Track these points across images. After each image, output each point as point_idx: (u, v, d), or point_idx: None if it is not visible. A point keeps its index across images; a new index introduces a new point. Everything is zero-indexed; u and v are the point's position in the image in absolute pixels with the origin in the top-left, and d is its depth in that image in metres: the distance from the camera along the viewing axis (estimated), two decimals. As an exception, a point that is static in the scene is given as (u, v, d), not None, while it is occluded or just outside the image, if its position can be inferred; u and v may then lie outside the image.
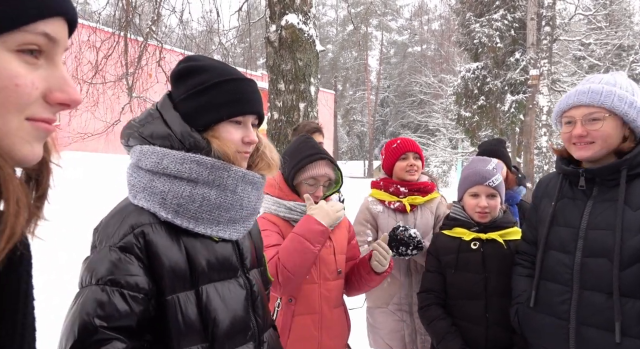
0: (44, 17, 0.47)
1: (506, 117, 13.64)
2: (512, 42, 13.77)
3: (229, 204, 1.00)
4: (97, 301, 0.87)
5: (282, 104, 4.22)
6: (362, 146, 43.38)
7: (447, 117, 21.38)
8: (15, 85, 0.45)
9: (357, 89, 42.82)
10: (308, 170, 1.64)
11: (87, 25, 6.44)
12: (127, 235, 0.92)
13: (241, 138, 1.05)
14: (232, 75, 1.05)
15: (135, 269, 0.91)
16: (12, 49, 0.45)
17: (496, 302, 1.71)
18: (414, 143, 2.26)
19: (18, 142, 0.46)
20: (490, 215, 1.81)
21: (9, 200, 0.44)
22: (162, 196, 0.96)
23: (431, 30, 30.17)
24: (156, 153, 0.98)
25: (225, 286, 1.02)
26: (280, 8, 4.20)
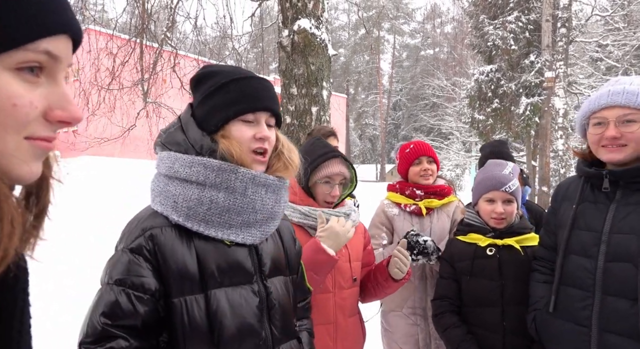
0: (46, 35, 0.46)
1: (521, 120, 13.45)
2: (526, 44, 13.61)
3: (239, 207, 0.99)
4: (105, 300, 0.91)
5: (295, 108, 4.23)
6: (374, 149, 43.22)
7: (460, 120, 21.18)
8: (13, 106, 0.44)
9: (369, 92, 42.76)
10: (322, 169, 1.61)
11: (104, 32, 6.58)
12: (138, 237, 0.95)
13: (253, 135, 1.03)
14: (241, 74, 1.04)
15: (142, 271, 0.93)
16: (11, 67, 0.44)
17: (513, 309, 1.68)
18: (428, 147, 2.23)
19: (16, 161, 0.46)
20: (507, 221, 1.78)
21: (2, 220, 0.43)
22: (174, 199, 0.97)
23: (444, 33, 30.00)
24: (170, 158, 1.01)
25: (236, 291, 1.00)
26: (293, 13, 4.23)
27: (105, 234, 6.96)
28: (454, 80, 25.13)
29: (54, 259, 5.97)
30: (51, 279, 5.32)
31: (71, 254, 6.29)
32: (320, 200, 1.64)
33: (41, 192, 0.52)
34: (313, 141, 1.72)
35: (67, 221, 8.19)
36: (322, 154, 1.62)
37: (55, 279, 5.40)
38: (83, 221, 8.40)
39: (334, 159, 1.63)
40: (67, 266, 5.85)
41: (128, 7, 6.35)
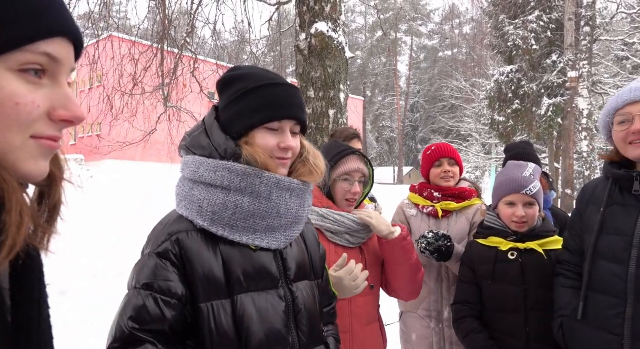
0: (45, 37, 0.48)
1: (543, 121, 13.16)
2: (548, 44, 13.32)
3: (263, 211, 0.98)
4: (132, 304, 0.90)
5: (312, 111, 4.24)
6: (391, 152, 42.94)
7: (479, 122, 20.86)
8: (16, 104, 0.46)
9: (386, 94, 42.56)
10: (340, 166, 1.59)
11: (127, 39, 6.75)
12: (165, 242, 0.95)
13: (277, 144, 1.01)
14: (269, 80, 1.02)
15: (169, 275, 0.92)
16: (13, 68, 0.46)
17: (536, 315, 1.63)
18: (450, 149, 2.21)
19: (22, 158, 0.48)
20: (528, 224, 1.73)
21: (11, 211, 0.45)
22: (199, 204, 0.97)
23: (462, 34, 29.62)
24: (195, 162, 1.00)
25: (262, 296, 0.99)
26: (310, 17, 4.25)
27: (126, 235, 7.12)
28: (472, 81, 24.78)
29: (76, 259, 6.13)
30: (74, 279, 5.46)
31: (93, 255, 6.45)
32: (340, 199, 1.61)
33: (52, 191, 0.54)
34: (331, 143, 1.72)
35: (89, 223, 8.40)
36: (340, 152, 1.61)
37: (77, 277, 5.53)
38: (105, 222, 8.60)
39: (352, 156, 1.61)
40: (89, 266, 6.00)
41: (149, 14, 6.51)
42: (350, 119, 4.90)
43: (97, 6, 5.84)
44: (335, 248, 1.59)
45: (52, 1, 0.50)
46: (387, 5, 31.82)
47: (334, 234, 1.59)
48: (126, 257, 1.13)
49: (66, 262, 5.98)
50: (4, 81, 0.45)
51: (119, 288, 1.01)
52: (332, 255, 1.58)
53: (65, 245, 6.97)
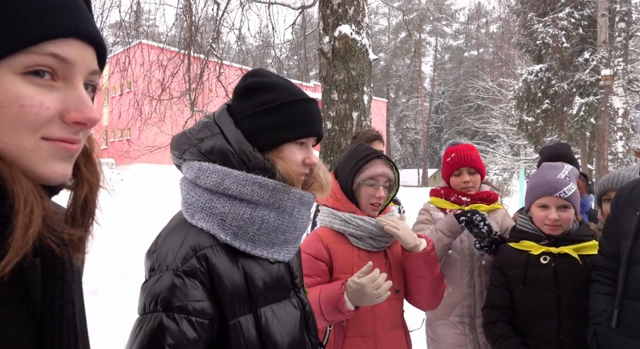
0: (50, 38, 0.47)
1: (575, 121, 12.70)
2: (580, 41, 12.87)
3: (285, 226, 0.98)
4: (166, 329, 0.83)
5: (336, 113, 4.24)
6: (415, 154, 42.42)
7: (507, 122, 20.33)
8: (20, 106, 0.46)
9: (410, 96, 42.11)
10: (365, 170, 1.57)
11: (155, 46, 6.96)
12: (189, 259, 0.89)
13: (302, 159, 1.02)
14: (300, 95, 1.03)
15: (200, 295, 0.88)
16: (18, 71, 0.46)
17: (571, 322, 1.57)
18: (469, 157, 2.09)
19: (35, 160, 0.48)
20: (562, 228, 1.67)
21: (18, 212, 0.44)
22: (222, 217, 0.93)
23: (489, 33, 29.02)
24: (217, 172, 0.94)
25: (281, 307, 1.00)
26: (334, 19, 4.27)
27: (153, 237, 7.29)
28: (499, 81, 24.18)
29: (108, 260, 6.34)
30: (105, 279, 5.65)
31: (123, 256, 6.65)
32: (365, 204, 1.59)
33: (77, 194, 0.54)
34: (356, 146, 1.69)
35: (120, 224, 8.67)
36: (365, 156, 1.59)
37: (109, 278, 5.72)
38: (135, 224, 8.86)
39: (377, 160, 1.59)
40: (119, 267, 6.19)
41: (177, 21, 6.69)
42: (374, 121, 4.88)
43: (127, 15, 6.05)
44: (359, 252, 1.58)
45: (61, 3, 0.49)
46: (410, 6, 31.55)
47: (357, 238, 1.58)
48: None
49: (98, 263, 6.19)
50: (8, 84, 0.45)
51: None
52: (356, 259, 1.57)
53: (97, 246, 7.21)
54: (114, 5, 5.73)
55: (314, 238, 1.59)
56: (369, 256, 1.59)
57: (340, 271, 1.56)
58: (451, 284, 2.04)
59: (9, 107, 0.45)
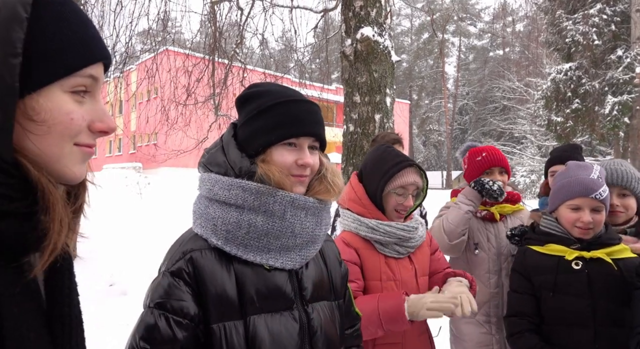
0: (90, 63, 0.58)
1: (607, 121, 12.21)
2: (612, 38, 12.39)
3: (277, 230, 0.96)
4: (144, 324, 0.89)
5: (358, 116, 4.23)
6: (439, 156, 41.78)
7: (534, 123, 19.78)
8: (71, 119, 0.56)
9: (433, 97, 41.56)
10: (397, 179, 1.54)
11: (181, 52, 7.13)
12: (178, 261, 0.94)
13: (294, 161, 1.00)
14: (287, 97, 1.01)
15: (182, 295, 0.91)
16: (66, 90, 0.56)
17: (607, 331, 1.50)
18: (500, 156, 2.11)
19: (69, 164, 0.57)
20: (594, 231, 1.59)
21: (54, 220, 0.52)
22: (214, 222, 0.96)
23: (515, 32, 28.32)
24: (210, 180, 0.99)
25: (276, 318, 0.97)
26: (356, 22, 4.26)
27: (181, 239, 7.45)
28: (526, 81, 23.56)
29: (135, 261, 6.51)
30: (134, 280, 5.79)
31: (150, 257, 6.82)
32: (390, 210, 1.58)
33: (79, 193, 0.62)
34: (384, 149, 1.65)
35: (147, 226, 8.90)
36: (397, 163, 1.55)
37: (137, 279, 5.86)
38: (162, 226, 9.08)
39: (410, 168, 1.55)
40: (146, 268, 6.34)
41: (201, 28, 6.84)
42: (396, 123, 4.83)
43: (154, 23, 6.23)
44: (386, 259, 1.58)
45: (94, 32, 0.60)
46: (434, 6, 31.17)
47: (383, 245, 1.57)
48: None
49: (126, 264, 6.37)
50: (62, 101, 0.55)
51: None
52: (384, 266, 1.57)
53: (126, 247, 7.43)
54: (142, 14, 5.92)
55: (342, 243, 1.58)
56: (397, 263, 1.59)
57: (369, 278, 1.55)
58: (478, 283, 2.02)
59: (61, 121, 0.55)
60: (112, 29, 5.83)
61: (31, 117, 0.52)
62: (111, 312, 4.45)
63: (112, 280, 5.74)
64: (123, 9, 5.76)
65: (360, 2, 4.24)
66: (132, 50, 6.46)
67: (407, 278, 1.58)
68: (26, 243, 0.51)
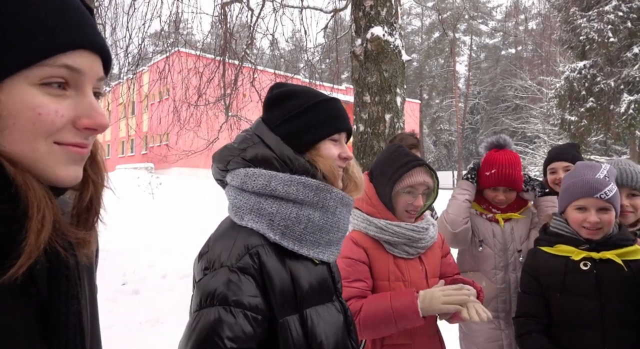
0: (62, 50, 0.50)
1: (622, 120, 11.98)
2: (628, 36, 12.15)
3: (329, 226, 1.01)
4: (224, 322, 0.85)
5: (368, 116, 4.22)
6: (450, 155, 41.44)
7: (547, 122, 19.50)
8: (38, 115, 0.49)
9: (444, 97, 41.23)
10: (406, 179, 1.54)
11: (192, 54, 7.20)
12: (243, 256, 0.92)
13: (339, 154, 1.07)
14: (323, 96, 1.08)
15: (254, 291, 0.91)
16: (34, 82, 0.49)
17: (616, 333, 1.47)
18: (512, 175, 2.02)
19: (50, 164, 0.51)
20: (603, 231, 1.57)
21: (32, 218, 0.47)
22: (270, 217, 0.97)
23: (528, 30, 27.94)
24: (263, 175, 0.99)
25: (325, 310, 1.01)
26: (366, 22, 4.25)
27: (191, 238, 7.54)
28: (539, 79, 23.24)
29: (148, 261, 6.59)
30: (146, 279, 5.86)
31: (162, 256, 6.89)
32: (401, 211, 1.57)
33: (83, 195, 0.57)
34: (395, 148, 1.64)
35: (159, 226, 9.01)
36: (406, 163, 1.54)
37: (149, 278, 5.93)
38: (173, 226, 9.17)
39: (419, 168, 1.55)
40: (159, 267, 6.40)
41: (212, 29, 6.89)
42: (407, 122, 4.81)
43: (166, 24, 6.30)
44: (395, 260, 1.57)
45: (75, 15, 0.52)
46: (444, 5, 30.93)
47: (392, 245, 1.57)
48: (191, 259, 1.17)
49: (139, 263, 6.45)
50: (26, 95, 0.48)
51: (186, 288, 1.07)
52: (392, 267, 1.56)
53: (138, 247, 7.53)
54: (155, 16, 5.99)
55: (352, 243, 1.58)
56: (406, 263, 1.58)
57: (377, 278, 1.55)
58: (485, 279, 2.05)
59: (27, 117, 0.48)
60: (124, 31, 5.90)
61: None
62: (124, 311, 4.51)
63: (124, 279, 5.81)
64: (136, 11, 5.83)
65: (371, 2, 4.22)
66: (145, 51, 6.54)
67: (417, 279, 1.57)
68: (12, 246, 0.47)
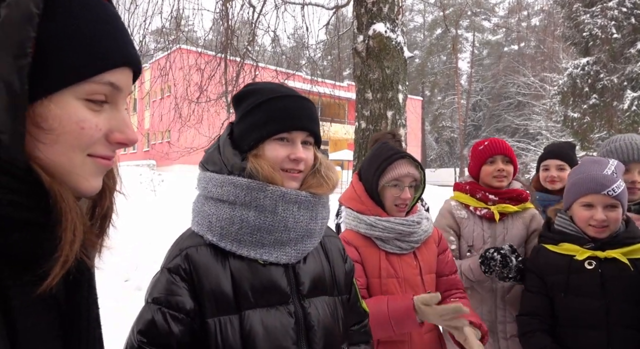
0: (110, 68, 0.52)
1: (625, 117, 11.92)
2: (632, 32, 12.06)
3: (269, 225, 0.97)
4: (142, 318, 0.92)
5: (370, 113, 4.21)
6: (452, 152, 41.34)
7: (550, 119, 19.43)
8: (81, 128, 0.51)
9: (446, 93, 41.10)
10: (390, 171, 1.53)
11: (194, 50, 7.19)
12: (175, 257, 0.97)
13: (287, 155, 1.01)
14: (278, 93, 1.02)
15: (179, 290, 0.93)
16: (80, 97, 0.51)
17: (621, 333, 1.46)
18: (505, 145, 2.00)
19: (82, 175, 0.53)
20: (609, 229, 1.54)
21: (67, 229, 0.49)
22: (209, 219, 0.98)
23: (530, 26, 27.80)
24: (205, 178, 1.02)
25: (270, 313, 0.97)
26: (368, 18, 4.23)
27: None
28: (542, 76, 23.14)
29: (150, 257, 6.60)
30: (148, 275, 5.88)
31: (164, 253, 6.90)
32: (390, 206, 1.56)
33: (102, 202, 0.59)
34: (379, 146, 1.65)
35: (161, 223, 9.02)
36: (389, 156, 1.55)
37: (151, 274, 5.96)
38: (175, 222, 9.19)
39: (402, 160, 1.54)
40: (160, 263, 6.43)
41: (214, 26, 6.87)
42: (409, 119, 4.80)
43: (167, 21, 6.28)
44: (387, 256, 1.56)
45: (118, 33, 0.54)
46: (446, 2, 30.77)
47: (384, 241, 1.56)
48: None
49: (141, 260, 6.47)
50: (73, 108, 0.50)
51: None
52: (383, 262, 1.56)
53: (140, 243, 7.55)
54: (156, 12, 5.97)
55: (343, 242, 1.58)
56: (399, 259, 1.57)
57: (370, 275, 1.55)
58: (470, 288, 1.97)
59: (71, 130, 0.50)
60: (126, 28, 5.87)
61: (39, 124, 0.48)
62: (127, 307, 4.53)
63: (127, 276, 5.83)
64: (137, 7, 5.82)
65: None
66: (146, 48, 6.53)
67: (410, 275, 1.56)
68: (40, 254, 0.48)
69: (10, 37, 0.44)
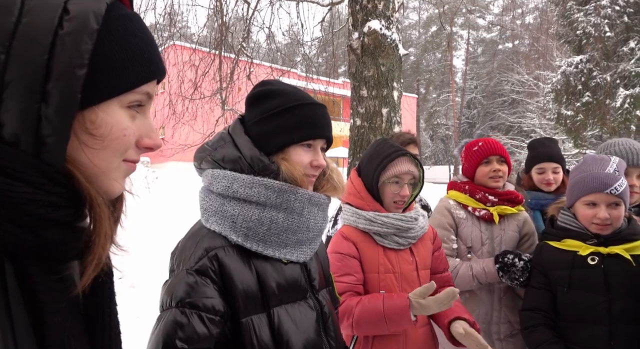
0: (151, 80, 0.57)
1: (618, 115, 12.04)
2: (625, 30, 12.16)
3: (295, 226, 1.00)
4: (178, 324, 0.89)
5: (365, 110, 4.21)
6: (446, 150, 41.51)
7: (544, 116, 19.58)
8: (124, 135, 0.55)
9: (441, 91, 41.23)
10: (390, 168, 1.56)
11: (188, 47, 7.14)
12: (202, 258, 0.94)
13: (310, 162, 1.05)
14: (305, 100, 1.05)
15: (211, 292, 0.92)
16: (123, 105, 0.55)
17: (623, 328, 1.46)
18: (499, 145, 2.02)
19: (115, 178, 0.56)
20: (612, 226, 1.55)
21: (100, 234, 0.52)
22: (233, 219, 0.98)
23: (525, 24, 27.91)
24: (227, 177, 1.00)
25: (295, 308, 1.02)
26: (363, 15, 4.22)
27: (189, 233, 7.55)
28: (536, 74, 23.28)
29: (144, 255, 6.58)
30: (143, 273, 5.86)
31: (158, 251, 6.88)
32: (389, 202, 1.59)
33: (119, 204, 0.61)
34: (379, 142, 1.66)
35: (156, 220, 8.97)
36: (390, 154, 1.57)
37: (146, 272, 5.93)
38: (170, 220, 9.15)
39: (402, 158, 1.57)
40: (155, 261, 6.40)
41: (208, 22, 6.82)
42: (404, 117, 4.80)
43: (161, 17, 6.23)
44: (385, 251, 1.58)
45: (156, 50, 0.59)
46: (441, -1, 30.80)
47: (382, 236, 1.58)
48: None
49: (135, 258, 6.43)
50: (119, 117, 0.54)
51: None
52: (382, 258, 1.58)
53: (134, 242, 7.51)
54: (149, 8, 5.92)
55: (341, 238, 1.60)
56: (396, 255, 1.59)
57: (367, 271, 1.57)
58: (468, 291, 1.96)
59: (114, 136, 0.54)
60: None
61: (89, 130, 0.51)
62: (121, 304, 4.50)
63: (120, 273, 5.81)
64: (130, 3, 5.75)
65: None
66: (140, 45, 6.45)
67: (407, 270, 1.58)
68: (68, 254, 0.50)
69: (70, 49, 0.48)
